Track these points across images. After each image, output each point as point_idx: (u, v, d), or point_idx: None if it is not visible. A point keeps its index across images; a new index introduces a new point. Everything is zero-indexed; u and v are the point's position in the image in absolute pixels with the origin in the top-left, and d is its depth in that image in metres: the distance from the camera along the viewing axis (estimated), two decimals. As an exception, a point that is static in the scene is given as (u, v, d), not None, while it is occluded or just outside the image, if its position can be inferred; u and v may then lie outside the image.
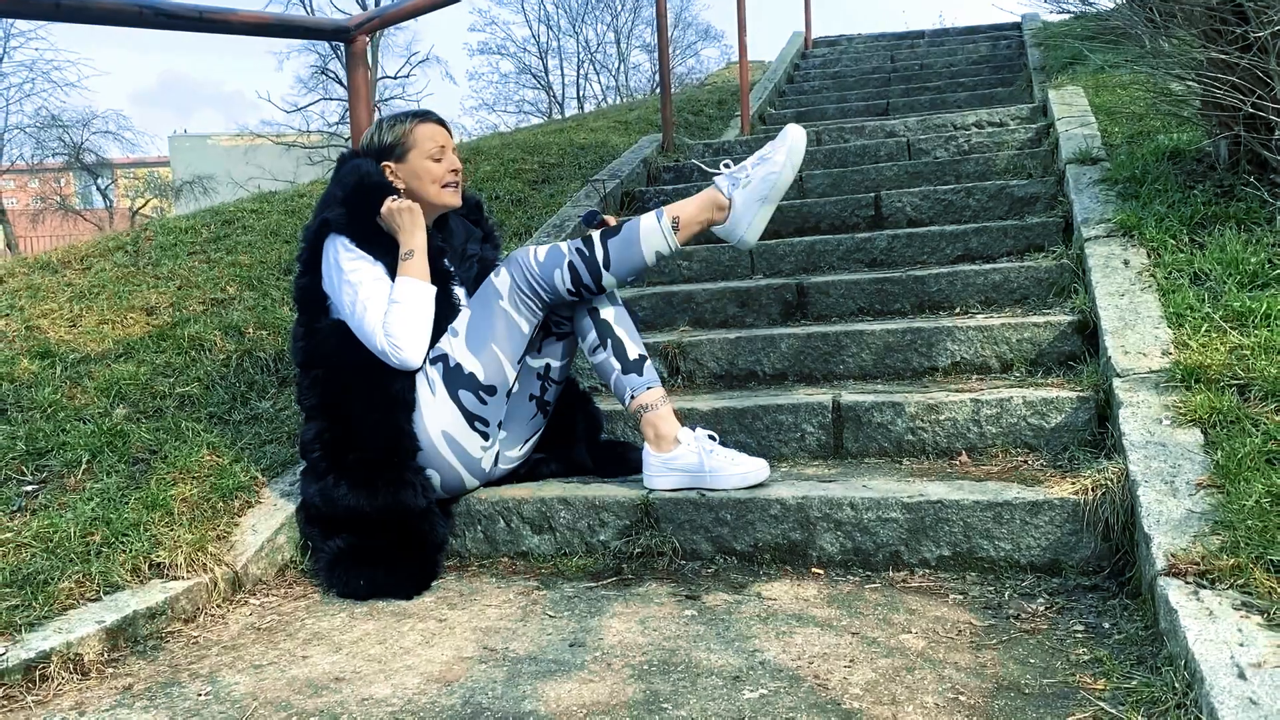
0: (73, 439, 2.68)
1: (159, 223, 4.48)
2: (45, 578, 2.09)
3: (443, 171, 2.49)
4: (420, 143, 2.48)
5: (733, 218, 2.40)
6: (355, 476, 2.32)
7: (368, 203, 2.41)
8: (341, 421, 2.36)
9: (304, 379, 2.45)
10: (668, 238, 2.39)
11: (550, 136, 6.29)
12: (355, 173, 2.46)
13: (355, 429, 2.35)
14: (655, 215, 2.40)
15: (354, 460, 2.34)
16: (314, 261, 2.44)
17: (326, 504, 2.35)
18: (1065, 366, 2.78)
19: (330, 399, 2.38)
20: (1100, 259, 2.95)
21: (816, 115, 7.33)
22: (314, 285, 2.44)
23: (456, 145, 2.70)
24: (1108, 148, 3.95)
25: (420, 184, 2.48)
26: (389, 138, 2.50)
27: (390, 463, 2.33)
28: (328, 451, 2.36)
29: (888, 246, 3.72)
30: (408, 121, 2.51)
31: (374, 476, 2.32)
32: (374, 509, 2.30)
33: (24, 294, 3.66)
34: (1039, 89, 6.27)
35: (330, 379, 2.38)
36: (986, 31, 9.26)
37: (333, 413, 2.38)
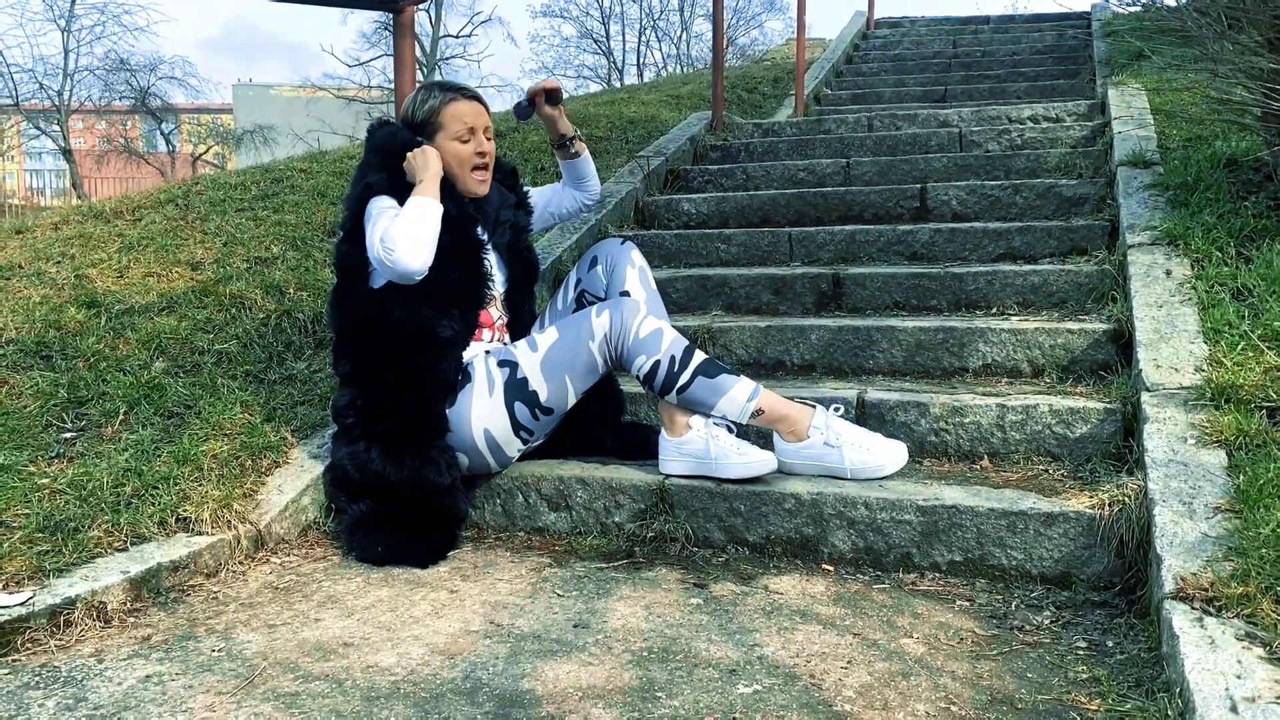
0: (112, 389, 2.76)
1: (209, 178, 4.56)
2: (76, 525, 2.16)
3: (469, 154, 2.48)
4: (448, 124, 2.47)
5: (791, 450, 2.38)
6: (385, 445, 2.37)
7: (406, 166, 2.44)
8: (375, 391, 2.40)
9: (339, 345, 2.49)
10: (742, 413, 2.37)
11: (600, 108, 6.27)
12: (392, 139, 2.48)
13: (388, 400, 2.38)
14: (752, 389, 2.38)
15: (384, 430, 2.38)
16: (355, 229, 2.46)
17: (356, 469, 2.40)
18: (1096, 375, 2.75)
19: (365, 368, 2.42)
20: (1142, 267, 2.90)
21: (872, 98, 7.23)
22: (354, 252, 2.45)
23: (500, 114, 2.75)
24: (1162, 151, 3.86)
25: (449, 165, 2.47)
26: (421, 114, 2.51)
27: (417, 436, 2.37)
28: (361, 418, 2.40)
29: (929, 240, 3.69)
30: (438, 98, 2.49)
31: (402, 448, 2.36)
32: (399, 480, 2.35)
33: (76, 242, 3.75)
34: (1101, 84, 6.13)
35: (366, 347, 2.41)
36: (1053, 20, 9.06)
37: (367, 382, 2.42)
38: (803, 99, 6.73)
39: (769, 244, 3.91)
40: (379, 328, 2.39)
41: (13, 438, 2.53)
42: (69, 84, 27.31)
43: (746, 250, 3.93)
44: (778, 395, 2.41)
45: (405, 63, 2.77)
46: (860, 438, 2.34)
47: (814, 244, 3.84)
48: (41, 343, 2.97)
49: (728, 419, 2.37)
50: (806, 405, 2.40)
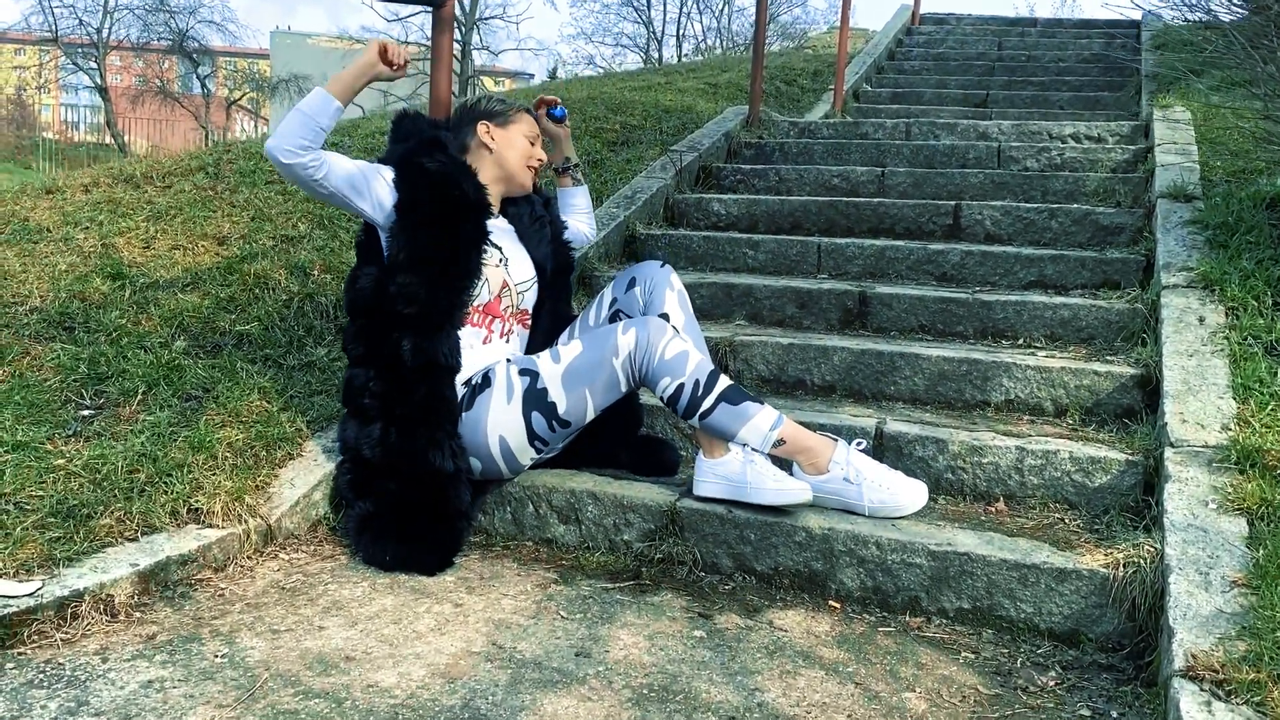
0: (132, 367, 2.76)
1: (241, 145, 4.54)
2: (88, 512, 2.17)
3: (532, 153, 2.64)
4: (523, 124, 2.65)
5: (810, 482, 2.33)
6: (401, 427, 2.36)
7: (428, 157, 2.45)
8: (389, 372, 2.39)
9: (354, 326, 2.49)
10: (764, 442, 2.34)
11: (637, 93, 6.22)
12: (413, 127, 2.61)
13: (403, 381, 2.37)
14: (775, 418, 2.35)
15: (401, 413, 2.37)
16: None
17: (370, 448, 2.38)
18: (1120, 421, 2.71)
19: (381, 353, 2.41)
20: (1175, 311, 2.85)
21: (912, 98, 7.14)
22: (370, 237, 2.52)
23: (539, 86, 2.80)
24: (1205, 184, 3.79)
25: (510, 151, 2.60)
26: (499, 107, 2.66)
27: (428, 420, 2.37)
28: (377, 400, 2.39)
29: (960, 262, 3.64)
30: (517, 106, 2.68)
31: (415, 431, 2.36)
32: (409, 462, 2.34)
33: (105, 207, 3.75)
34: (1147, 100, 6.03)
35: (377, 328, 2.41)
36: (1102, 27, 8.90)
37: (381, 364, 2.41)
38: (842, 95, 6.65)
39: (797, 253, 3.87)
40: (382, 310, 2.40)
41: (32, 412, 2.54)
42: (108, 21, 27.35)
43: (774, 258, 3.90)
44: (800, 427, 2.38)
45: (442, 58, 2.74)
46: (880, 476, 2.32)
47: (843, 257, 3.80)
48: (65, 313, 2.98)
49: (749, 447, 2.35)
50: (828, 439, 2.38)
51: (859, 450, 2.38)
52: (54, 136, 28.23)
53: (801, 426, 2.40)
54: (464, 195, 2.44)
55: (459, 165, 2.48)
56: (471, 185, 2.47)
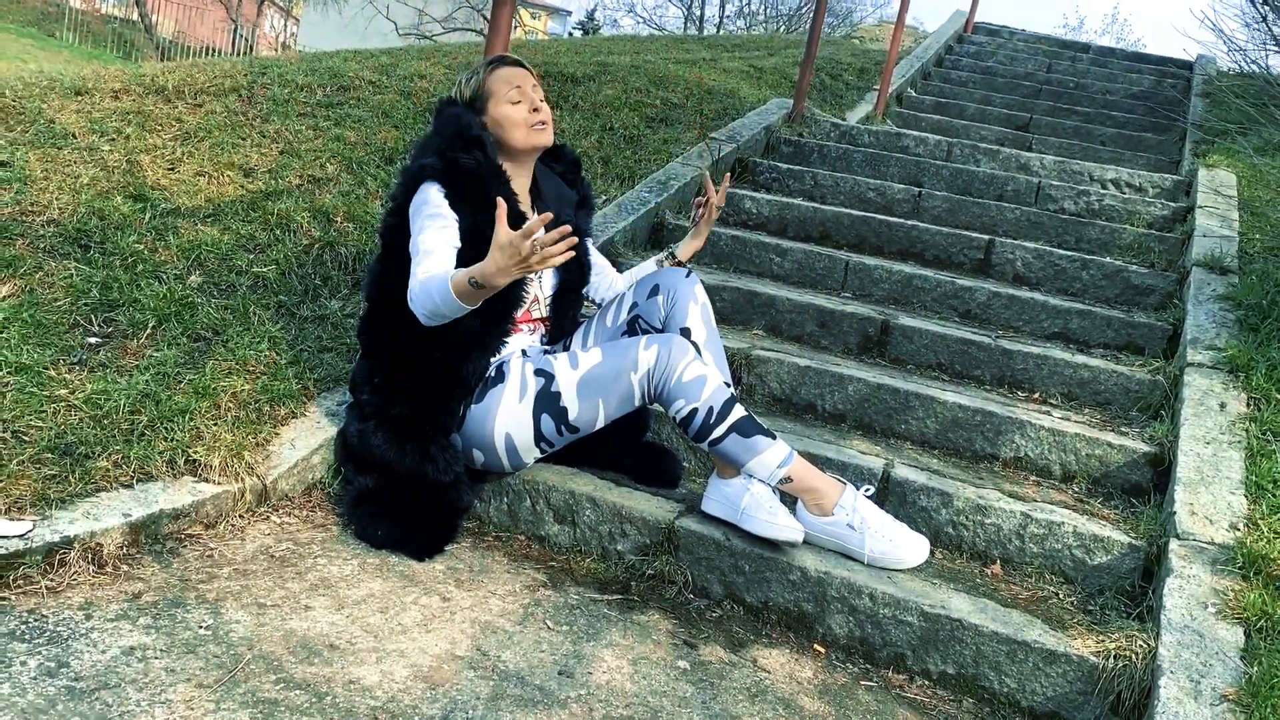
0: (145, 298, 2.72)
1: (277, 69, 4.44)
2: (86, 451, 2.14)
3: (523, 114, 2.41)
4: (496, 89, 2.42)
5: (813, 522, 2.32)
6: (393, 430, 2.34)
7: (465, 152, 2.37)
8: (394, 372, 2.37)
9: (370, 315, 2.44)
10: (770, 477, 2.31)
11: (681, 68, 6.12)
12: (455, 123, 2.41)
13: (405, 385, 2.35)
14: (785, 454, 2.31)
15: (396, 414, 2.35)
16: (406, 203, 2.40)
17: (363, 447, 2.38)
18: (1127, 498, 2.70)
19: (389, 346, 2.37)
20: (1197, 392, 2.82)
21: (954, 111, 7.05)
22: (400, 226, 2.39)
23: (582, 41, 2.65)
24: (1242, 256, 3.76)
25: (506, 131, 2.42)
26: (469, 91, 2.46)
27: (422, 430, 2.34)
28: (376, 397, 2.37)
29: (986, 302, 3.60)
30: (483, 70, 2.45)
31: (406, 438, 2.33)
32: (402, 468, 2.33)
33: (134, 119, 3.67)
34: (1190, 151, 5.97)
35: (394, 326, 2.36)
36: (1155, 63, 8.78)
37: (389, 359, 2.38)
38: (885, 97, 6.56)
39: (824, 267, 3.82)
40: (411, 313, 2.34)
41: (38, 332, 2.49)
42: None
43: (800, 268, 3.85)
44: (810, 465, 2.36)
45: (500, 30, 2.67)
46: (884, 526, 2.30)
47: (869, 278, 3.76)
48: (82, 230, 2.92)
49: (755, 478, 2.33)
50: (837, 481, 2.35)
51: (865, 496, 2.36)
52: (80, 5, 27.74)
53: (811, 465, 2.37)
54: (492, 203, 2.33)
55: (493, 168, 2.37)
56: (503, 195, 2.31)
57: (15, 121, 3.49)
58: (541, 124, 2.43)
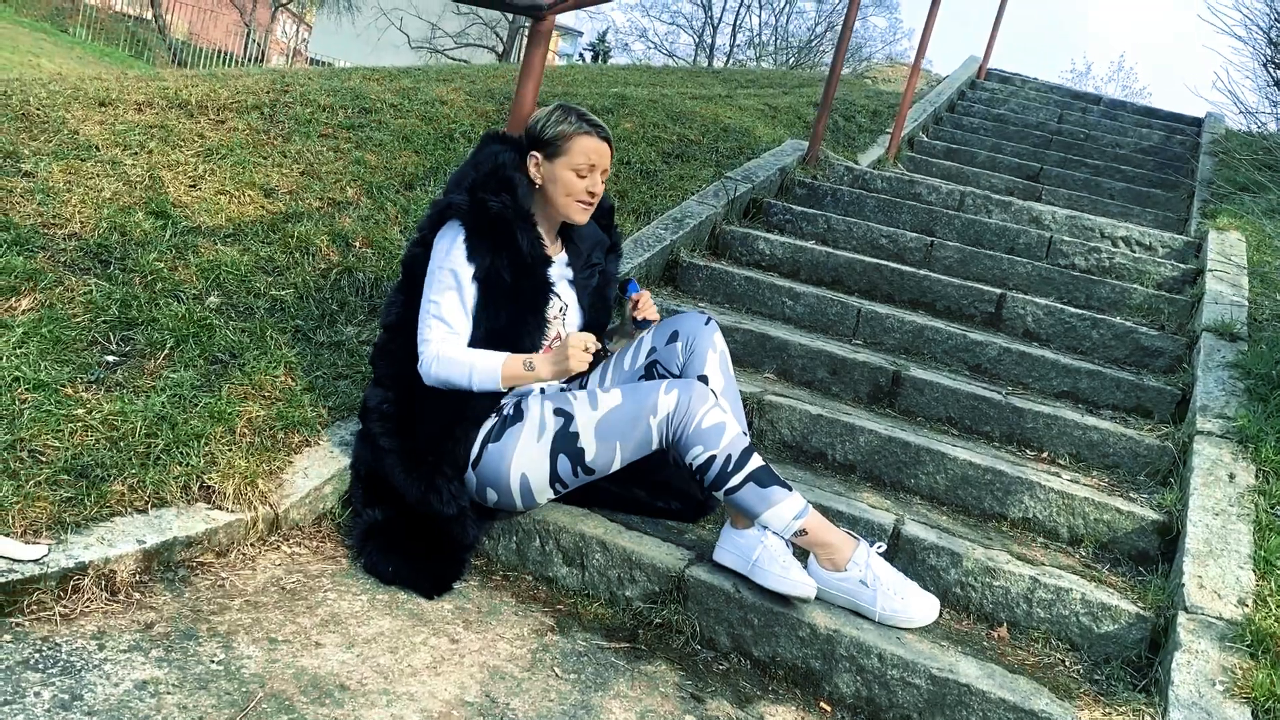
0: (163, 318, 2.72)
1: (301, 87, 4.46)
2: (102, 474, 2.14)
3: (580, 189, 2.44)
4: (573, 155, 2.42)
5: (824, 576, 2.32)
6: (402, 459, 2.36)
7: (495, 195, 2.38)
8: (407, 402, 2.38)
9: (386, 343, 2.46)
10: (785, 529, 2.31)
11: (697, 104, 6.15)
12: (492, 160, 2.43)
13: (415, 416, 2.36)
14: (800, 508, 2.31)
15: (405, 446, 2.36)
16: (431, 235, 2.42)
17: (374, 474, 2.39)
18: (1134, 565, 2.71)
19: (403, 375, 2.39)
20: (1206, 462, 2.84)
21: (965, 157, 7.09)
22: (423, 257, 2.42)
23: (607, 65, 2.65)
24: (1251, 323, 3.78)
25: (554, 188, 2.44)
26: (550, 133, 2.45)
27: (427, 461, 2.35)
28: (387, 427, 2.38)
29: (997, 357, 3.62)
30: (573, 126, 2.44)
31: (414, 468, 2.35)
32: (410, 499, 2.34)
33: (157, 133, 3.69)
34: (1198, 209, 6.01)
35: (410, 358, 2.38)
36: (1164, 118, 8.85)
37: (401, 389, 2.39)
38: (898, 141, 6.61)
39: (836, 313, 3.84)
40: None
41: (57, 348, 2.49)
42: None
43: (812, 312, 3.87)
44: (824, 520, 2.36)
45: (533, 70, 2.68)
46: (896, 584, 2.30)
47: (881, 327, 3.77)
48: (104, 246, 2.92)
49: (769, 529, 2.33)
50: (850, 537, 2.36)
51: (878, 553, 2.36)
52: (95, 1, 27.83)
53: (825, 520, 2.38)
54: (518, 251, 2.36)
55: (520, 213, 2.38)
56: (527, 239, 2.37)
57: (39, 131, 3.50)
58: (586, 205, 2.47)
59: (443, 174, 4.11)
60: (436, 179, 4.05)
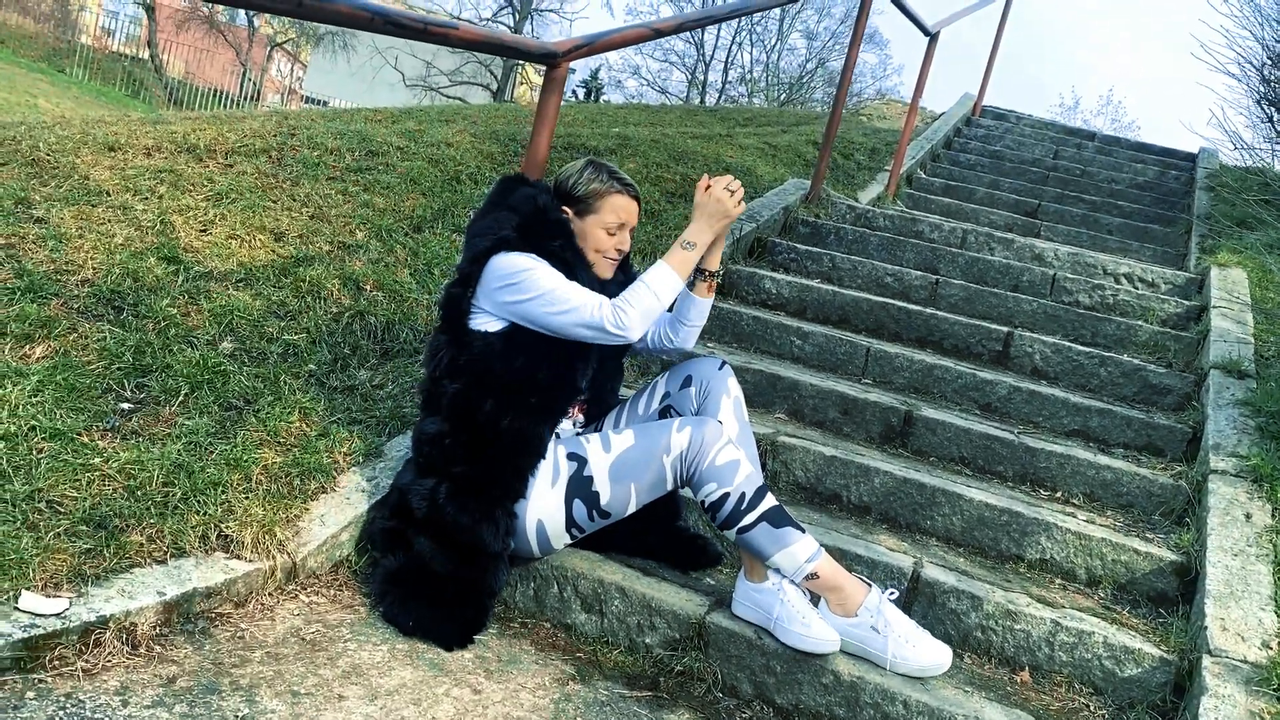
0: (177, 364, 2.72)
1: (307, 132, 4.48)
2: (120, 524, 2.12)
3: (609, 246, 2.49)
4: (604, 213, 2.46)
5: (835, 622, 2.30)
6: (456, 487, 2.32)
7: (550, 237, 2.39)
8: (468, 432, 2.34)
9: (441, 381, 2.40)
10: (796, 572, 2.30)
11: (698, 143, 6.20)
12: (530, 202, 2.43)
13: (480, 446, 2.33)
14: (813, 550, 2.30)
15: (459, 473, 2.33)
16: (471, 275, 2.40)
17: (418, 500, 2.34)
18: (1153, 606, 2.69)
19: (462, 409, 2.35)
20: (1221, 502, 2.83)
21: (964, 194, 7.14)
22: (463, 296, 2.39)
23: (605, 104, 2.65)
24: (1259, 360, 3.79)
25: (583, 244, 2.48)
26: (582, 190, 2.48)
27: (488, 493, 2.32)
28: (448, 455, 2.34)
29: (1007, 396, 3.62)
30: (606, 184, 2.47)
31: (470, 496, 2.31)
32: (455, 526, 2.29)
33: (167, 177, 3.70)
34: (1197, 244, 6.05)
35: (472, 394, 2.34)
36: (1158, 154, 8.92)
37: (461, 420, 2.35)
38: (897, 178, 6.65)
39: (845, 352, 3.85)
40: (492, 379, 2.34)
41: (71, 396, 2.48)
42: (169, -59, 27.18)
43: (821, 352, 3.87)
44: (836, 564, 2.35)
45: (547, 117, 2.70)
46: (908, 631, 2.28)
47: (890, 366, 3.78)
48: (116, 292, 2.92)
49: (781, 572, 2.32)
50: (862, 582, 2.34)
51: (890, 600, 2.34)
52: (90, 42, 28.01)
53: (837, 564, 2.36)
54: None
55: (577, 253, 2.43)
56: (584, 278, 2.41)
57: (50, 176, 3.51)
58: (614, 261, 2.51)
59: (450, 216, 4.13)
60: (444, 221, 4.07)
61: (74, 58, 23.80)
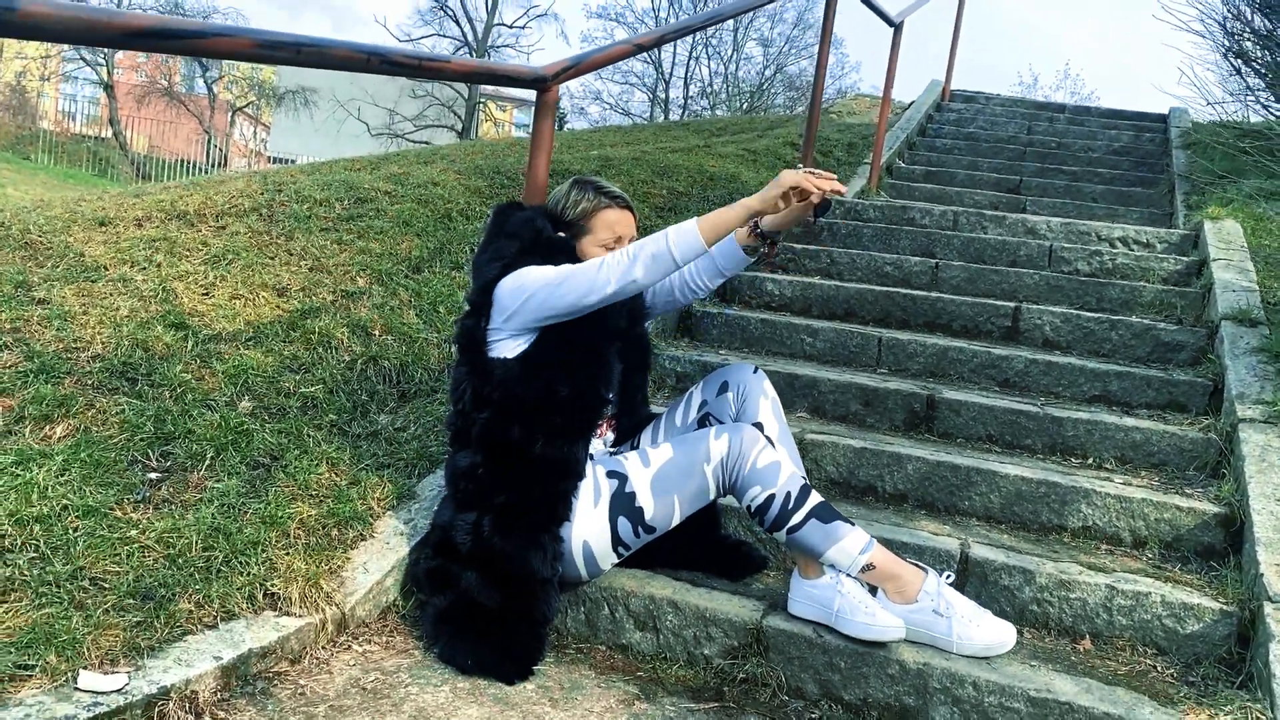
0: (199, 428, 2.69)
1: (294, 187, 4.47)
2: (166, 594, 2.10)
3: None
4: (598, 231, 2.46)
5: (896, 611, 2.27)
6: (499, 518, 2.30)
7: (552, 258, 2.37)
8: (503, 461, 2.31)
9: (464, 422, 2.39)
10: (851, 565, 2.28)
11: (679, 156, 6.22)
12: (529, 226, 2.42)
13: (518, 473, 2.31)
14: (865, 541, 2.29)
15: (500, 503, 2.31)
16: (483, 305, 2.39)
17: (462, 534, 2.31)
18: (1203, 560, 2.68)
19: (495, 438, 2.32)
20: (1255, 449, 2.83)
21: (945, 178, 7.17)
22: (477, 327, 2.38)
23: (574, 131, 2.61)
24: (1266, 306, 3.80)
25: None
26: (571, 213, 2.48)
27: (532, 519, 2.29)
28: (484, 486, 2.32)
29: (1024, 370, 3.62)
30: (592, 201, 2.47)
31: (514, 524, 2.28)
32: (503, 561, 2.27)
33: (161, 246, 3.68)
34: (1181, 201, 6.08)
35: (499, 421, 2.32)
36: (1130, 119, 8.99)
37: (493, 450, 2.33)
38: (878, 171, 6.68)
39: (857, 345, 3.84)
40: (515, 403, 2.30)
41: (98, 472, 2.46)
42: (122, 20, 27.21)
43: (833, 347, 3.87)
44: (890, 553, 2.33)
45: (543, 142, 2.70)
46: (970, 611, 2.27)
47: (903, 353, 3.78)
48: (128, 364, 2.90)
49: (836, 568, 2.30)
50: (918, 568, 2.33)
51: (947, 583, 2.33)
52: (51, 127, 28.05)
53: (890, 553, 2.35)
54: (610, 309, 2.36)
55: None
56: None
57: (45, 258, 3.48)
58: None
59: (447, 254, 4.12)
60: (442, 259, 4.06)
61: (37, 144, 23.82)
